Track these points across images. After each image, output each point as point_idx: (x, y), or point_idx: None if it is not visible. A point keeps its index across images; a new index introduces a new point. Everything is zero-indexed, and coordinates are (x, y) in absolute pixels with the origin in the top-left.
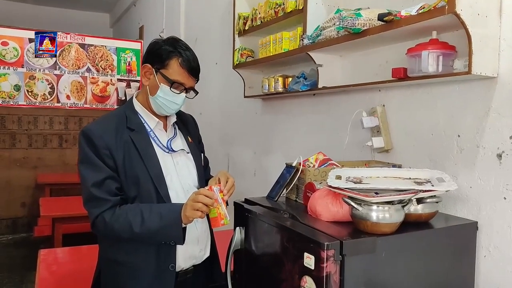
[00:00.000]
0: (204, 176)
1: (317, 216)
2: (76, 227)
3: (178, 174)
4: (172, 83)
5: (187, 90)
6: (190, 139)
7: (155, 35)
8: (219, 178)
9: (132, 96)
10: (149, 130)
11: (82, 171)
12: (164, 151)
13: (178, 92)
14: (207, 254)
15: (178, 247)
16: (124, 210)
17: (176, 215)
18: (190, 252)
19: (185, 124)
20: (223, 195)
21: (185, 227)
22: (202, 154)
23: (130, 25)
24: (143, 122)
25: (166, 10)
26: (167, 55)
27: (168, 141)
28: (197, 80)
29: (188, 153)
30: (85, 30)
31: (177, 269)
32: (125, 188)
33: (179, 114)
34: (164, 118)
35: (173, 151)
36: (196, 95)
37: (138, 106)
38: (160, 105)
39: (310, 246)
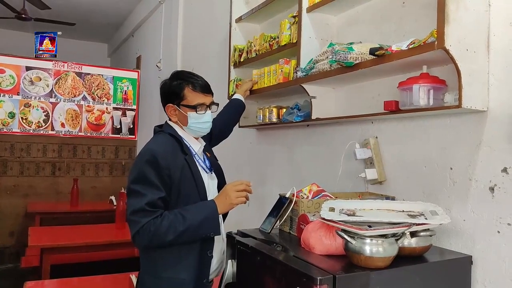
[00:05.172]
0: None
1: (310, 249)
2: (66, 258)
3: (211, 191)
4: (195, 107)
5: (208, 106)
6: (208, 154)
7: (152, 65)
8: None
9: (168, 126)
10: (193, 153)
11: (139, 189)
12: (206, 171)
13: (204, 112)
14: (223, 266)
15: (213, 260)
16: (164, 215)
17: (211, 209)
18: (219, 263)
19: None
20: None
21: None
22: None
23: (128, 55)
24: (189, 146)
25: (164, 41)
26: (179, 87)
27: (205, 162)
28: (213, 94)
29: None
30: (83, 59)
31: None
32: (172, 204)
33: None
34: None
35: (211, 171)
36: (218, 106)
37: (182, 133)
38: (195, 130)
39: (303, 280)
